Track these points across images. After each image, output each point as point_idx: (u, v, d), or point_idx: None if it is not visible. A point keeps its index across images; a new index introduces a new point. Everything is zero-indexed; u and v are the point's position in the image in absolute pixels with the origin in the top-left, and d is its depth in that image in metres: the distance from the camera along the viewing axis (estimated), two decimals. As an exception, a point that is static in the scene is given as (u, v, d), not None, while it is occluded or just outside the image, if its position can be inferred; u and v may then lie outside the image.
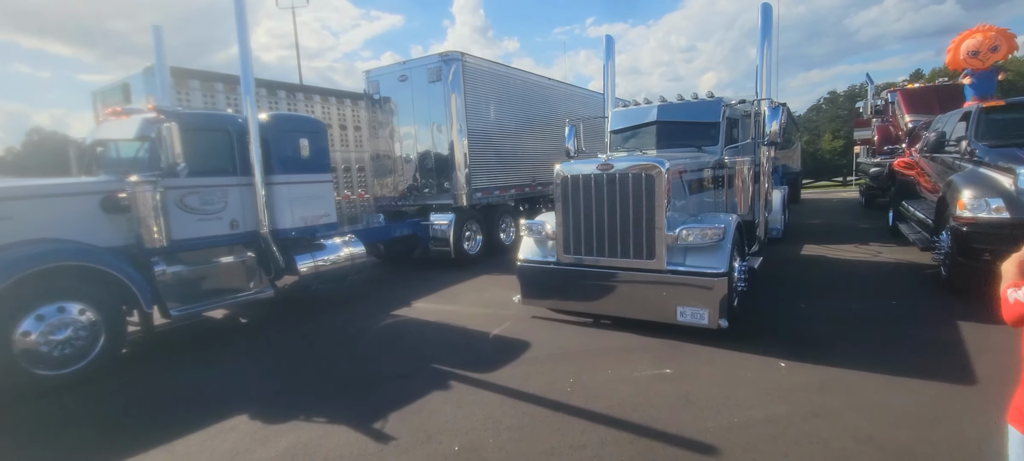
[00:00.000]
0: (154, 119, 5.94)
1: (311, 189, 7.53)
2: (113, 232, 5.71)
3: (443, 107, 10.33)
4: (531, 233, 6.65)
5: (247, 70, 6.65)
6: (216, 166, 6.55)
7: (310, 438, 3.81)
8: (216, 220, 6.52)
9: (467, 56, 10.41)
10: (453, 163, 10.45)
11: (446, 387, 4.60)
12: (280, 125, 7.17)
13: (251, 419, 4.17)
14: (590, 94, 16.35)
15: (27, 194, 5.23)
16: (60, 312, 4.96)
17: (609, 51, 9.10)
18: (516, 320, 6.51)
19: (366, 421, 4.01)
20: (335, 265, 7.79)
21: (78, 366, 5.06)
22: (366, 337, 6.33)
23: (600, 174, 5.85)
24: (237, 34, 6.56)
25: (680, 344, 5.32)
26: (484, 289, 8.52)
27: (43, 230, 5.21)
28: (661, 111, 7.60)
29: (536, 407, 4.12)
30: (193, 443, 3.83)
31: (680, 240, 5.52)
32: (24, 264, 4.72)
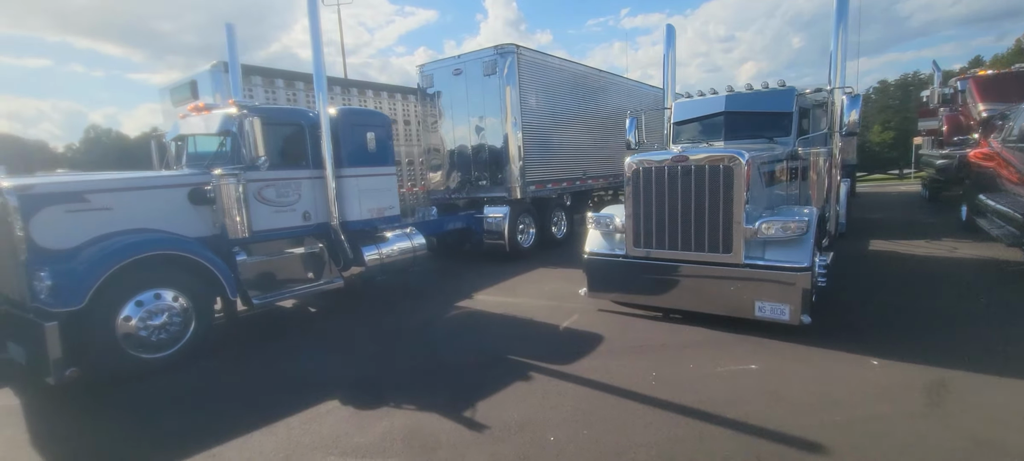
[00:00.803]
0: (236, 114, 6.16)
1: (377, 181, 7.67)
2: (199, 223, 5.97)
3: (498, 100, 10.35)
4: (598, 226, 6.60)
5: (319, 68, 6.82)
6: (290, 160, 6.75)
7: (405, 424, 3.89)
8: (290, 212, 6.73)
9: (522, 48, 10.38)
10: (507, 156, 10.47)
11: (527, 378, 4.62)
12: (348, 119, 7.33)
13: (342, 404, 4.29)
14: (643, 87, 16.13)
15: (125, 186, 5.52)
16: (156, 299, 5.22)
17: (670, 40, 8.91)
18: (583, 313, 6.48)
19: (455, 409, 4.07)
20: (398, 257, 7.94)
21: (172, 350, 5.32)
22: (436, 327, 6.43)
23: (674, 166, 5.74)
24: (310, 35, 6.75)
25: (760, 340, 5.18)
26: (543, 282, 8.52)
27: (138, 220, 5.50)
28: (730, 101, 7.40)
29: (624, 400, 4.09)
30: (293, 426, 3.97)
31: (760, 233, 5.37)
32: (127, 251, 4.98)
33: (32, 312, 4.80)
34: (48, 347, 4.43)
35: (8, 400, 4.83)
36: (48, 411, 4.49)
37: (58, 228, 4.99)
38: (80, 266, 4.74)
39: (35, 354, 4.76)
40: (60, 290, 4.57)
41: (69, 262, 4.80)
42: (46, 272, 4.59)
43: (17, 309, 5.11)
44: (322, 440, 3.74)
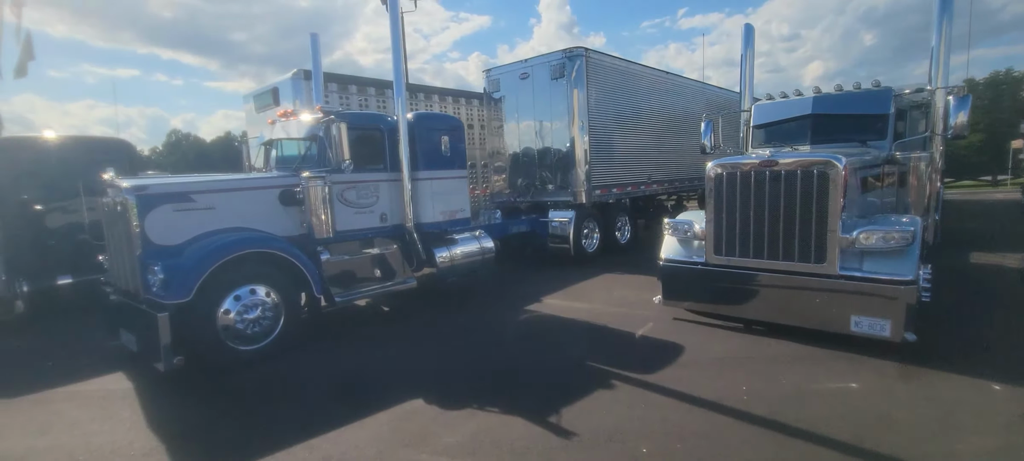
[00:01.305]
0: (324, 119, 6.43)
1: (450, 185, 7.81)
2: (288, 223, 6.27)
3: (565, 103, 10.31)
4: (675, 232, 6.41)
5: (400, 75, 7.03)
6: (369, 163, 6.97)
7: (490, 426, 3.91)
8: (369, 213, 6.95)
9: (591, 52, 10.30)
10: (573, 160, 10.40)
11: (609, 386, 4.54)
12: (424, 123, 7.50)
13: (427, 404, 4.37)
14: (711, 89, 15.66)
15: (226, 188, 5.88)
16: (251, 294, 5.52)
17: (748, 40, 8.58)
18: (658, 321, 6.31)
19: (539, 414, 4.04)
20: (468, 259, 8.03)
21: (264, 343, 5.60)
22: (509, 331, 6.45)
23: (762, 171, 5.49)
24: (392, 43, 6.98)
25: (856, 356, 4.86)
26: (611, 288, 8.37)
27: (235, 219, 5.84)
28: (817, 103, 7.01)
29: (716, 415, 3.93)
30: (382, 422, 4.07)
31: (858, 243, 5.04)
32: (229, 249, 5.30)
33: (144, 303, 5.19)
34: (160, 336, 4.77)
35: (122, 384, 5.23)
36: (159, 395, 4.82)
37: (168, 225, 5.37)
38: (188, 261, 5.08)
39: (146, 342, 5.14)
40: (171, 283, 4.91)
41: (178, 257, 5.15)
42: (159, 266, 4.94)
43: (130, 300, 5.54)
44: (412, 438, 3.81)
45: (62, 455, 3.81)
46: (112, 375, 5.48)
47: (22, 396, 5.00)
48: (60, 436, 4.11)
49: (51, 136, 8.53)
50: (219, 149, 54.63)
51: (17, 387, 5.21)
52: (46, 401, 4.89)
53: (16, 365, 6.05)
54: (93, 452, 3.83)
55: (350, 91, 12.11)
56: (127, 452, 3.79)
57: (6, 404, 4.85)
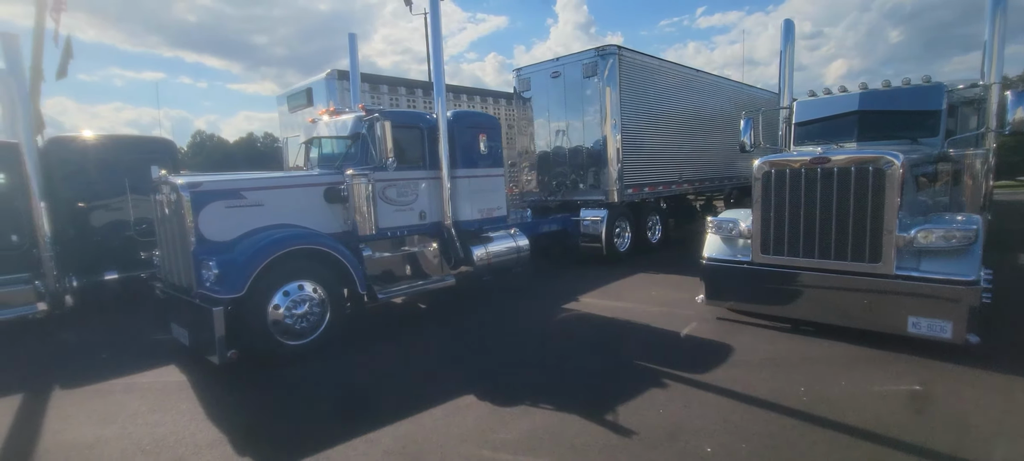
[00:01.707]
0: (368, 117, 6.49)
1: (487, 183, 7.83)
2: (332, 220, 6.35)
3: (597, 102, 10.26)
4: (719, 230, 6.33)
5: (439, 74, 7.06)
6: (410, 161, 7.02)
7: (547, 423, 3.90)
8: (409, 211, 7.00)
9: (624, 49, 10.23)
10: (605, 158, 10.34)
11: (661, 385, 4.49)
12: (462, 122, 7.53)
13: (478, 399, 4.37)
14: (745, 87, 15.48)
15: (274, 185, 5.98)
16: (300, 289, 5.59)
17: (788, 35, 8.44)
18: (701, 321, 6.24)
19: (595, 412, 4.02)
20: (504, 257, 8.04)
21: (311, 338, 5.66)
22: (550, 328, 6.44)
23: (813, 168, 5.38)
24: (432, 44, 7.02)
25: (915, 358, 4.73)
26: (646, 287, 8.30)
27: (282, 216, 5.93)
28: (864, 99, 6.85)
29: (777, 415, 3.86)
30: (437, 417, 4.09)
31: (916, 242, 4.91)
32: (279, 245, 5.38)
33: (197, 298, 5.30)
34: (215, 330, 4.86)
35: (175, 376, 5.35)
36: (214, 388, 4.91)
37: (219, 222, 5.48)
38: (241, 257, 5.17)
39: (199, 336, 5.26)
40: (225, 278, 5.01)
41: (230, 253, 5.24)
42: (213, 262, 5.04)
43: (182, 294, 5.66)
44: (468, 433, 3.82)
45: (129, 444, 3.90)
46: (165, 367, 5.60)
47: (83, 387, 5.15)
48: (125, 426, 4.21)
49: (98, 135, 8.77)
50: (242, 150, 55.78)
51: (76, 378, 5.37)
52: (106, 392, 5.02)
53: (72, 357, 6.22)
54: (159, 442, 3.91)
55: (381, 90, 12.24)
56: (191, 443, 3.87)
57: (69, 394, 4.99)
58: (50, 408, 4.66)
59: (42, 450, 3.88)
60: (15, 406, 4.76)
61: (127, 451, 3.80)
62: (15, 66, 7.46)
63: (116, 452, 3.80)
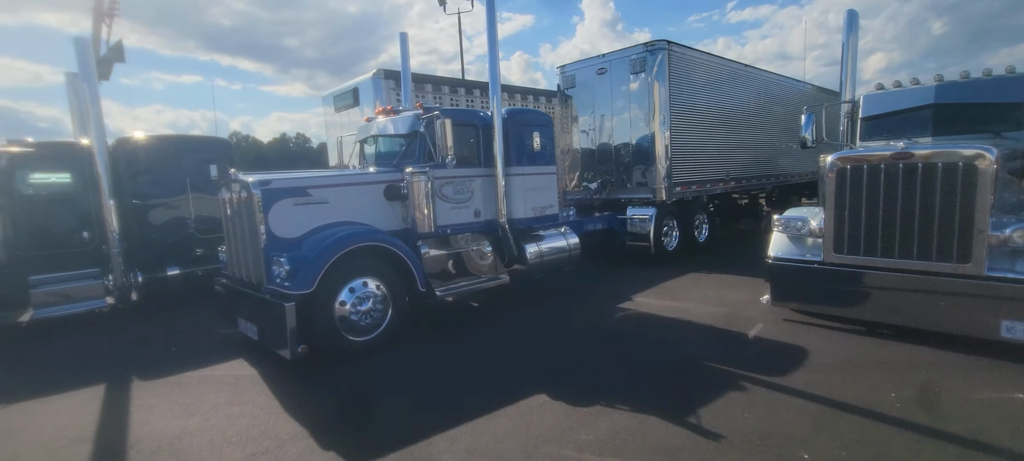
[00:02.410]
0: (425, 115, 6.51)
1: (540, 181, 7.78)
2: (392, 218, 6.40)
3: (645, 98, 10.08)
4: (787, 229, 6.12)
5: (494, 72, 7.05)
6: (465, 159, 7.01)
7: (627, 424, 3.81)
8: (464, 209, 7.00)
9: (673, 45, 10.03)
10: (653, 156, 10.16)
11: (740, 387, 4.36)
12: (516, 119, 7.49)
13: (552, 399, 4.32)
14: (795, 83, 15.11)
15: (338, 183, 6.07)
16: (364, 286, 5.65)
17: (851, 25, 8.07)
18: (767, 322, 6.05)
19: (675, 413, 3.91)
20: (556, 255, 7.97)
21: (374, 335, 5.71)
22: (609, 327, 6.35)
23: (893, 164, 5.15)
24: (488, 43, 7.01)
25: (1014, 365, 4.46)
26: (701, 287, 8.11)
27: (346, 214, 6.01)
28: (941, 92, 6.51)
29: (871, 421, 3.69)
30: (513, 416, 4.05)
31: (1011, 242, 4.64)
32: (346, 242, 5.44)
33: (268, 293, 5.40)
34: (286, 325, 4.94)
35: (246, 370, 5.47)
36: (285, 382, 4.99)
37: (288, 219, 5.58)
38: (311, 254, 5.24)
39: (269, 331, 5.35)
40: (296, 274, 5.09)
41: (300, 250, 5.33)
42: (285, 258, 5.13)
43: (250, 289, 5.78)
44: (548, 433, 3.77)
45: (214, 435, 3.99)
46: (235, 361, 5.73)
47: (159, 379, 5.31)
48: (207, 417, 4.31)
49: (160, 136, 9.08)
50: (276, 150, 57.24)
51: (152, 370, 5.54)
52: (182, 384, 5.16)
53: (143, 350, 6.43)
54: (242, 434, 3.99)
55: (425, 89, 12.32)
56: (274, 435, 3.93)
57: (148, 385, 5.15)
58: (133, 399, 4.82)
59: (133, 439, 4.00)
60: (100, 396, 4.94)
61: (213, 442, 3.89)
62: (87, 70, 7.77)
63: (203, 442, 3.89)
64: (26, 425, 4.36)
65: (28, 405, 4.78)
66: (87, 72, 7.77)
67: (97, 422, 4.36)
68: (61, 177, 7.97)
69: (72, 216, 7.96)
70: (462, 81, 13.09)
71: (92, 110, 7.71)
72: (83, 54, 7.79)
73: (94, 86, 7.79)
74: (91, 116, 7.72)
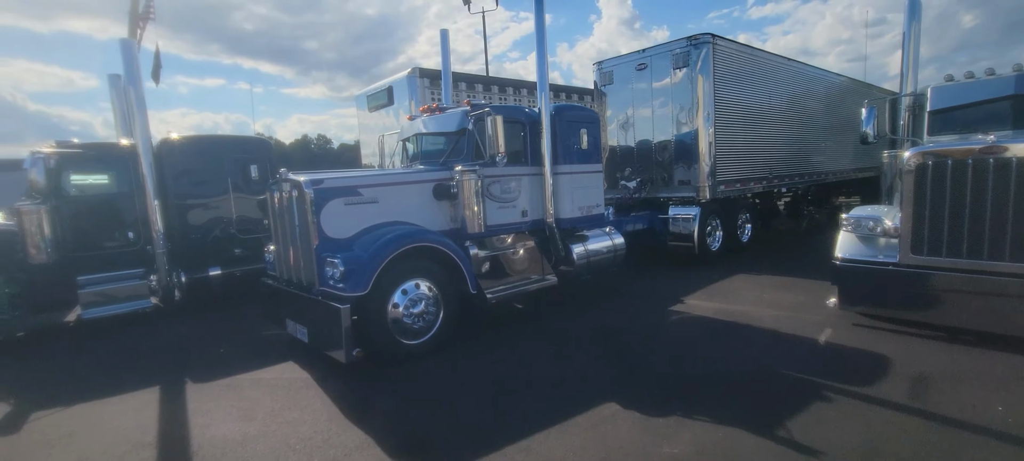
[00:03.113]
0: (473, 112, 6.34)
1: (587, 179, 7.56)
2: (440, 217, 6.24)
3: (689, 94, 9.78)
4: (857, 228, 5.80)
5: (542, 69, 6.87)
6: (512, 156, 6.81)
7: (712, 438, 3.58)
8: (511, 208, 6.81)
9: (718, 38, 9.71)
10: (696, 153, 9.85)
11: (824, 398, 4.08)
12: (563, 116, 7.27)
13: (623, 408, 4.10)
14: (841, 78, 14.64)
15: (388, 181, 5.93)
16: (416, 288, 5.49)
17: (913, 13, 7.66)
18: (836, 327, 5.74)
19: (763, 427, 3.66)
20: (603, 256, 7.74)
21: (426, 338, 5.56)
22: (667, 332, 6.10)
23: (983, 158, 4.80)
24: (536, 39, 6.82)
25: (1124, 376, 4.10)
26: (754, 289, 7.79)
27: (395, 214, 5.86)
28: (1023, 82, 6.11)
29: (983, 438, 3.39)
30: (584, 427, 3.85)
31: (1122, 242, 4.27)
32: (399, 242, 5.30)
33: (320, 294, 5.28)
34: (341, 328, 4.80)
35: (297, 373, 5.36)
36: (341, 386, 4.86)
37: (339, 218, 5.45)
38: (365, 254, 5.10)
39: (322, 333, 5.23)
40: (350, 276, 4.95)
41: (353, 250, 5.20)
42: (338, 259, 5.00)
43: (299, 290, 5.68)
44: (629, 446, 3.55)
45: (277, 443, 3.86)
46: (284, 364, 5.63)
47: (212, 381, 5.23)
48: (267, 423, 4.20)
49: (202, 135, 9.10)
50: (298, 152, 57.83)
51: (202, 372, 5.47)
52: (234, 386, 5.08)
53: (191, 351, 6.39)
54: (305, 442, 3.86)
55: (459, 87, 12.18)
56: (339, 444, 3.79)
57: (202, 388, 5.07)
58: (189, 402, 4.74)
59: (196, 445, 3.90)
60: (156, 399, 4.88)
61: (277, 450, 3.76)
62: (132, 73, 7.79)
63: (266, 450, 3.77)
64: (87, 428, 4.30)
65: (86, 407, 4.74)
66: (132, 75, 7.78)
67: (157, 426, 4.28)
68: (107, 178, 8.01)
69: (118, 217, 7.99)
70: (496, 79, 12.91)
71: (138, 112, 7.73)
72: (129, 56, 7.81)
73: (140, 88, 7.80)
74: (137, 118, 7.74)
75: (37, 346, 7.18)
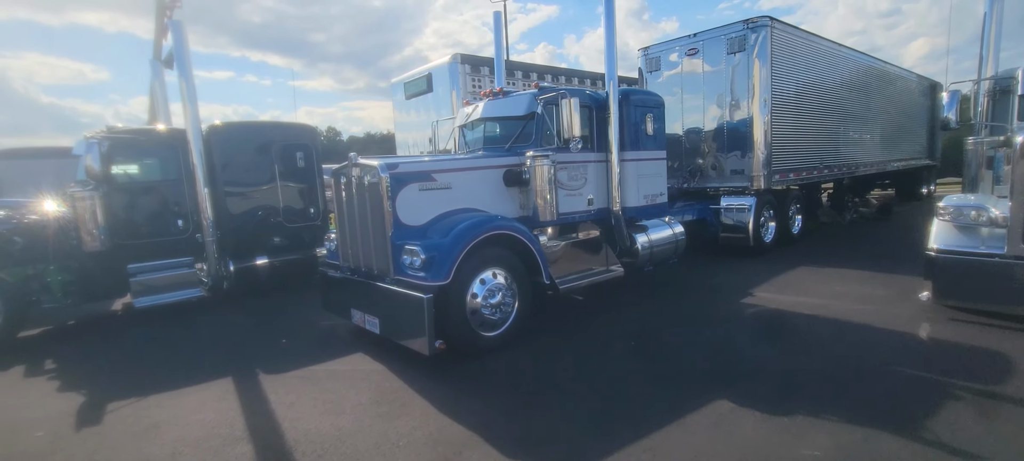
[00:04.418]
0: (543, 96, 6.08)
1: (652, 166, 7.29)
2: (510, 204, 6.00)
3: (744, 79, 9.44)
4: (957, 217, 5.49)
5: (611, 55, 6.58)
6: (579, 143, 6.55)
7: (850, 440, 3.32)
8: (577, 196, 6.55)
9: (776, 22, 9.36)
10: (751, 141, 9.52)
11: (953, 396, 3.81)
12: (631, 100, 6.98)
13: (739, 406, 3.84)
14: (898, 70, 14.30)
15: (461, 167, 5.69)
16: (493, 278, 5.26)
17: (996, -3, 7.30)
18: (932, 322, 5.45)
19: (906, 427, 3.39)
20: (665, 246, 7.48)
21: (502, 330, 5.32)
22: (751, 326, 5.85)
23: (1114, 142, 4.47)
24: (605, 18, 6.56)
25: None
26: (823, 282, 7.49)
27: (467, 200, 5.64)
28: None
29: None
30: (705, 425, 3.60)
31: None
32: (478, 229, 5.05)
33: (395, 283, 5.07)
34: (425, 319, 4.59)
35: (371, 364, 5.16)
36: (423, 380, 4.64)
37: (413, 205, 5.23)
38: (447, 242, 4.87)
39: (397, 324, 5.03)
40: (432, 264, 4.72)
41: (434, 238, 4.97)
42: (419, 247, 4.77)
43: (369, 279, 5.47)
44: (763, 446, 3.30)
45: (378, 438, 3.66)
46: (354, 355, 5.45)
47: (285, 372, 5.05)
48: (359, 418, 3.99)
49: (249, 122, 8.91)
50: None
51: (271, 363, 5.30)
52: (309, 378, 4.89)
53: (251, 340, 6.24)
54: (406, 437, 3.65)
55: (483, 73, 11.83)
56: (445, 440, 3.58)
57: (276, 379, 4.89)
58: (268, 394, 4.55)
59: (292, 441, 3.70)
60: (232, 390, 4.70)
61: (381, 446, 3.56)
62: (182, 58, 7.62)
63: (369, 446, 3.56)
64: (170, 420, 4.13)
65: (163, 398, 4.57)
66: (182, 60, 7.60)
67: (243, 419, 4.09)
68: (157, 165, 7.86)
69: (167, 204, 7.83)
70: (532, 66, 12.60)
71: (189, 98, 7.55)
72: (179, 40, 7.63)
73: (189, 74, 7.62)
74: (187, 104, 7.56)
75: (93, 334, 7.08)
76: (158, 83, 10.08)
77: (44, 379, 5.35)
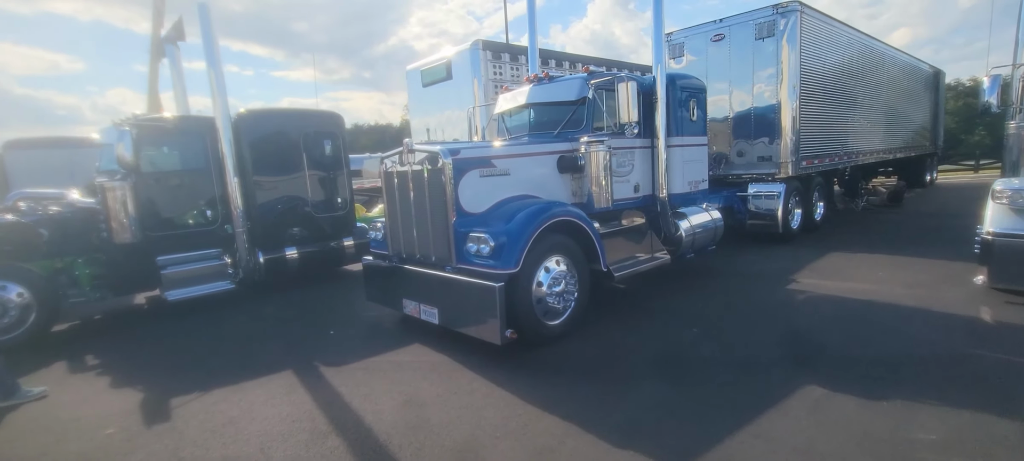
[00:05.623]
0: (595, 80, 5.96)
1: (696, 152, 7.23)
2: (564, 191, 5.90)
3: (772, 65, 9.39)
4: (1014, 200, 5.49)
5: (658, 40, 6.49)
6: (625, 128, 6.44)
7: (960, 423, 3.28)
8: (625, 182, 6.47)
9: (806, 7, 9.30)
10: (778, 127, 9.50)
11: (1046, 379, 3.80)
12: (676, 84, 6.89)
13: (832, 391, 3.80)
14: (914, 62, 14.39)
15: (518, 153, 5.57)
16: (557, 266, 5.16)
17: (1035, -20, 7.32)
18: (990, 306, 5.46)
19: (1005, 411, 3.38)
20: (705, 233, 7.44)
21: (564, 318, 5.23)
22: (805, 311, 5.80)
23: None
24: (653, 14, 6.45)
25: None
26: (863, 267, 7.50)
27: (524, 187, 5.52)
28: None
29: None
30: (802, 411, 3.55)
31: None
32: (542, 216, 4.91)
33: (456, 272, 4.95)
34: (497, 308, 4.48)
35: (431, 356, 5.04)
36: (494, 370, 4.53)
37: (473, 191, 5.11)
38: (515, 228, 4.74)
39: (462, 313, 4.92)
40: (501, 252, 4.61)
41: (500, 225, 4.84)
42: (487, 234, 4.66)
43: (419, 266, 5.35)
44: (874, 431, 3.26)
45: (470, 428, 3.56)
46: (411, 346, 5.34)
47: (346, 365, 4.93)
48: (444, 410, 3.88)
49: (276, 109, 8.68)
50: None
51: (326, 355, 5.19)
52: (373, 370, 4.77)
53: (297, 332, 6.09)
54: (499, 428, 3.56)
55: (503, 59, 11.63)
56: (541, 430, 3.49)
57: (340, 371, 4.77)
58: (338, 386, 4.43)
59: (383, 434, 3.58)
60: (297, 383, 4.57)
61: (477, 437, 3.46)
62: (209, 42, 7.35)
63: (465, 437, 3.47)
64: (243, 415, 3.99)
65: (227, 393, 4.42)
66: (209, 45, 7.34)
67: (322, 413, 3.97)
68: (186, 154, 7.61)
69: (197, 194, 7.61)
70: (552, 52, 12.43)
71: (217, 85, 7.31)
72: (205, 25, 7.36)
73: (217, 61, 7.37)
74: (215, 90, 7.31)
75: (125, 329, 6.88)
76: (174, 68, 9.73)
77: (91, 375, 5.17)
